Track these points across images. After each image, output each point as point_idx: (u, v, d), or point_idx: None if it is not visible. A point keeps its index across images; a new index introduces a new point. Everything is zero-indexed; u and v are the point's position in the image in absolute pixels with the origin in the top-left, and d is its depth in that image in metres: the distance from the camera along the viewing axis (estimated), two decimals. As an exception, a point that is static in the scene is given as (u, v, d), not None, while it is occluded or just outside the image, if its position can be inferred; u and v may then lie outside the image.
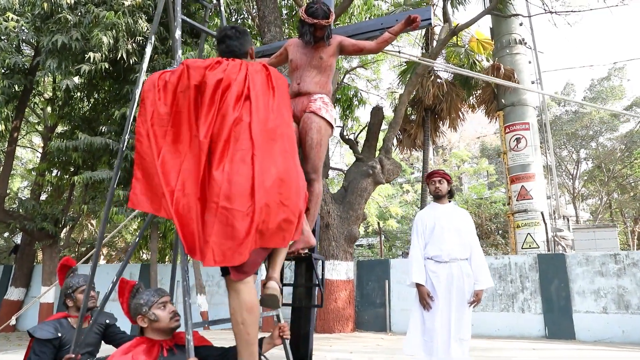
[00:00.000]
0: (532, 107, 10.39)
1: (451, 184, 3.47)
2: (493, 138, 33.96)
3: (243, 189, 1.77)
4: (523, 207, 9.66)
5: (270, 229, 1.83)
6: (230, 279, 1.87)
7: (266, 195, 1.80)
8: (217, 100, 1.89)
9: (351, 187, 9.16)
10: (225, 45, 2.20)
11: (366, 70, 16.57)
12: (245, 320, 1.85)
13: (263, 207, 1.79)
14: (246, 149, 1.83)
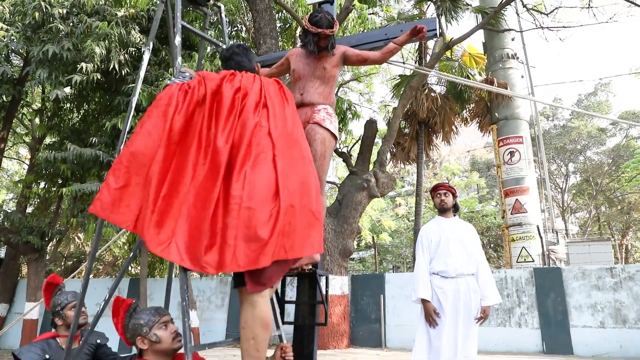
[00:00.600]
0: (525, 121, 10.46)
1: (456, 198, 3.40)
2: (483, 152, 34.27)
3: (266, 190, 1.76)
4: (517, 220, 9.65)
5: (296, 232, 1.77)
6: (246, 290, 1.78)
7: (290, 197, 1.78)
8: (237, 108, 1.91)
9: (346, 200, 9.08)
10: (234, 62, 2.23)
11: (359, 83, 16.63)
12: (257, 336, 1.76)
13: (288, 208, 1.76)
14: (268, 151, 1.84)
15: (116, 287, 2.36)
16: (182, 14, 8.61)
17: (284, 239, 1.74)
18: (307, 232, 1.81)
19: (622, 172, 24.21)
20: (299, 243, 1.78)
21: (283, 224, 1.73)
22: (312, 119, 2.70)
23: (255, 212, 1.71)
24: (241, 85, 1.99)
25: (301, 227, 1.79)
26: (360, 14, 10.14)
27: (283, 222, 1.73)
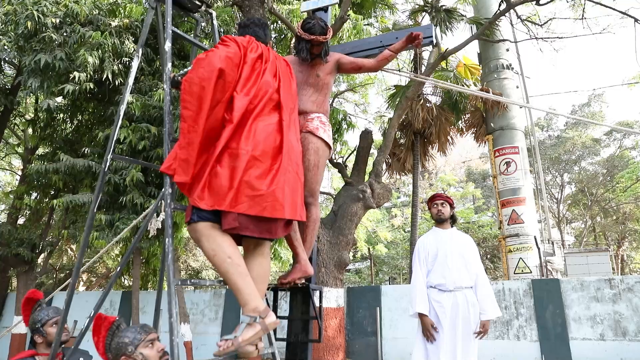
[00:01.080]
0: (520, 131, 10.45)
1: (454, 208, 3.31)
2: (478, 162, 34.37)
3: (271, 148, 1.94)
4: (514, 231, 9.58)
5: (287, 195, 1.91)
6: (209, 226, 1.83)
7: (289, 160, 1.98)
8: (260, 68, 2.08)
9: (341, 211, 8.97)
10: (251, 30, 2.34)
11: (354, 94, 16.64)
12: (231, 254, 1.80)
13: (286, 169, 1.93)
14: (276, 115, 2.04)
15: (102, 303, 2.25)
16: (174, 22, 8.53)
17: (283, 196, 1.89)
18: (296, 196, 1.99)
19: (617, 183, 24.33)
20: (288, 203, 1.91)
21: (278, 183, 1.89)
22: (305, 127, 2.62)
23: (258, 163, 1.87)
24: (262, 51, 2.17)
25: (290, 190, 1.94)
26: (355, 24, 10.14)
27: (279, 181, 1.89)
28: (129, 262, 12.16)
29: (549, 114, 30.15)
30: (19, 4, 8.27)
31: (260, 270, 1.99)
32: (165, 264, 1.69)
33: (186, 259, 19.48)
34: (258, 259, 2.01)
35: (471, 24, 10.51)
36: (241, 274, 1.80)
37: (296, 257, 2.51)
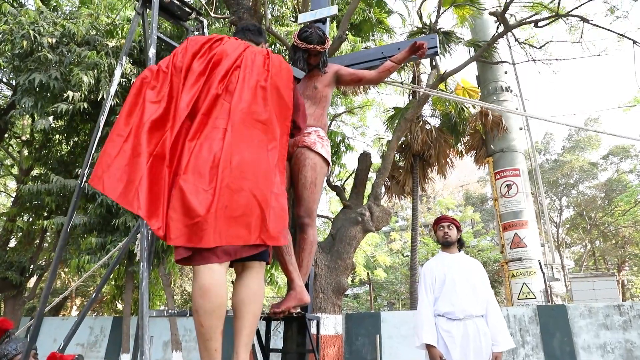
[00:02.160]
0: (520, 153, 10.33)
1: (460, 231, 3.11)
2: (476, 186, 34.28)
3: (208, 166, 1.69)
4: (517, 255, 9.34)
5: (232, 216, 1.65)
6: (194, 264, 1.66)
7: (230, 175, 1.68)
8: (207, 73, 1.84)
9: (339, 235, 8.73)
10: (242, 34, 2.18)
11: (352, 117, 16.60)
12: (198, 308, 1.58)
13: (224, 188, 1.66)
14: (220, 126, 1.75)
15: (73, 334, 2.02)
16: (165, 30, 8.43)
17: (220, 222, 1.63)
18: (244, 216, 1.68)
19: (615, 206, 24.21)
20: (233, 225, 1.66)
21: (220, 204, 1.64)
22: (302, 142, 2.44)
23: (190, 186, 1.64)
24: (219, 50, 1.90)
25: (238, 209, 1.67)
26: (353, 46, 10.13)
27: (221, 203, 1.64)
28: (121, 286, 11.81)
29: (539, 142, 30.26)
30: (15, 23, 8.21)
31: (244, 293, 1.81)
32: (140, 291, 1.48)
33: (182, 283, 19.07)
34: (244, 280, 1.84)
35: (469, 47, 10.53)
36: (201, 336, 1.62)
37: (291, 283, 2.30)
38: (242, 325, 1.75)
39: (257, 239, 1.72)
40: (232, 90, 1.83)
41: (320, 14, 3.03)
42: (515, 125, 10.50)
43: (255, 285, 1.83)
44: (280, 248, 2.28)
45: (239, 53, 1.92)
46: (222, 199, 1.66)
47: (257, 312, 1.80)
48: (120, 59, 2.26)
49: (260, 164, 1.78)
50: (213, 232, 1.63)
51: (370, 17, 11.07)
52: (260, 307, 1.82)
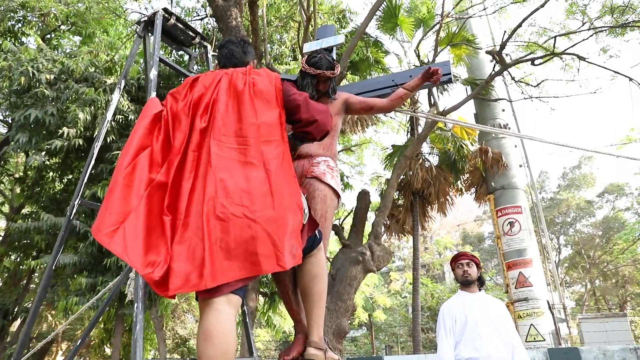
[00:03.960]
0: (522, 190, 10.22)
1: (480, 269, 2.90)
2: (473, 225, 34.10)
3: (199, 203, 1.62)
4: (523, 295, 9.04)
5: (232, 248, 1.55)
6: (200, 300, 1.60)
7: (218, 207, 1.59)
8: (190, 113, 1.82)
9: (339, 275, 8.45)
10: (227, 50, 2.09)
11: (350, 155, 16.61)
12: (201, 353, 1.47)
13: (216, 222, 1.56)
14: (204, 161, 1.70)
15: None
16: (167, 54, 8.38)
17: (223, 255, 1.54)
18: (249, 245, 1.57)
19: (614, 245, 24.05)
20: (238, 258, 1.56)
21: (214, 240, 1.55)
22: (310, 172, 2.28)
23: (188, 228, 1.58)
24: (198, 87, 1.88)
25: (238, 241, 1.57)
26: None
27: (214, 238, 1.55)
28: (110, 329, 11.30)
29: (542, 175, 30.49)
30: (15, 60, 8.20)
31: (306, 278, 1.97)
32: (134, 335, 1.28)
33: (174, 326, 18.41)
34: (304, 267, 1.99)
35: (466, 85, 10.62)
36: None
37: (297, 325, 2.09)
38: (310, 305, 1.98)
39: (272, 266, 1.59)
40: (212, 121, 1.79)
41: (327, 43, 2.95)
42: (515, 162, 10.45)
43: (315, 269, 2.00)
44: (285, 285, 2.09)
45: (216, 83, 1.89)
46: (216, 233, 1.56)
47: (321, 291, 2.00)
48: (119, 82, 2.14)
49: (254, 184, 1.68)
50: (211, 270, 1.51)
51: (368, 56, 11.24)
52: (324, 285, 2.03)
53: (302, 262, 1.93)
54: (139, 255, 1.54)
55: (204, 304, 1.54)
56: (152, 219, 1.63)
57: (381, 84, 2.85)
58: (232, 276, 1.51)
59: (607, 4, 8.38)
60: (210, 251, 1.52)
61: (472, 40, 10.10)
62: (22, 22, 12.69)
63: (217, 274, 1.50)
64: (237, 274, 1.52)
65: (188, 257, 1.54)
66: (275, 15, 11.35)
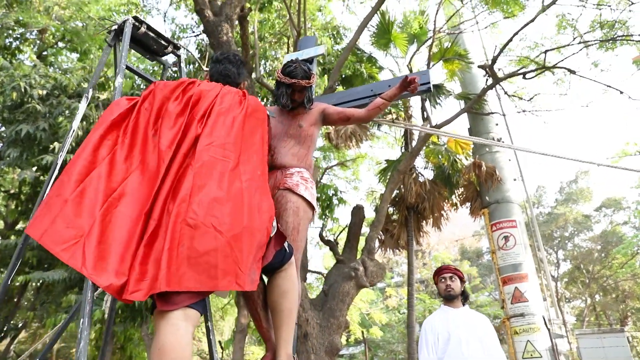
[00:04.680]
0: (516, 204, 10.16)
1: (464, 283, 2.83)
2: (472, 240, 33.95)
3: (172, 205, 1.61)
4: (519, 310, 8.90)
5: (193, 257, 1.49)
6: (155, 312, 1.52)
7: (190, 212, 1.56)
8: (187, 114, 1.82)
9: (332, 291, 8.34)
10: (222, 66, 2.10)
11: (345, 171, 16.58)
12: None
13: (183, 227, 1.52)
14: (188, 165, 1.70)
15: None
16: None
17: (182, 264, 1.48)
18: (210, 257, 1.52)
19: (613, 259, 23.91)
20: (196, 267, 1.49)
21: (177, 244, 1.49)
22: (283, 184, 2.22)
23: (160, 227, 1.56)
24: (195, 91, 1.89)
25: (199, 250, 1.51)
26: (345, 99, 10.24)
27: (177, 242, 1.50)
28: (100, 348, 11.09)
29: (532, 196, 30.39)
30: (7, 76, 8.21)
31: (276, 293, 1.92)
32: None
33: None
34: (274, 281, 1.95)
35: (460, 99, 10.65)
36: None
37: (267, 343, 2.02)
38: (279, 322, 1.91)
39: (230, 283, 1.53)
40: (206, 128, 1.80)
41: (307, 54, 2.93)
42: (510, 176, 10.40)
43: (285, 285, 1.94)
44: (254, 301, 2.02)
45: (216, 93, 1.92)
46: (183, 239, 1.51)
47: (291, 307, 1.92)
48: (86, 92, 2.09)
49: (229, 196, 1.66)
50: (166, 274, 1.45)
51: (362, 71, 11.29)
52: (294, 301, 1.94)
53: (272, 277, 1.94)
54: (101, 268, 1.49)
55: (159, 318, 1.48)
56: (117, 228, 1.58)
57: (360, 94, 2.82)
58: (186, 285, 1.45)
59: (596, 19, 8.46)
60: (170, 254, 1.48)
61: (465, 55, 10.16)
62: (19, 39, 12.78)
63: (171, 280, 1.45)
64: (193, 284, 1.46)
65: (150, 258, 1.51)
66: (269, 32, 11.44)
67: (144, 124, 1.80)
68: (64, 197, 1.57)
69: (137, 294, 1.43)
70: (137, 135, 1.78)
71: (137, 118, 1.82)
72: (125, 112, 1.83)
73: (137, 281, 1.45)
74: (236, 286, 1.53)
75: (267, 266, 1.86)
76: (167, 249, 1.48)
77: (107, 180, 1.64)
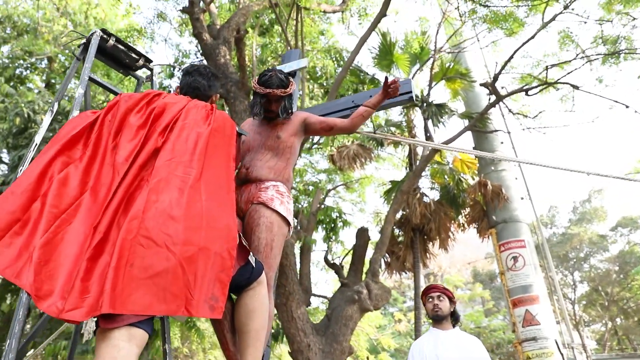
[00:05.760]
0: (525, 224, 9.90)
1: (454, 303, 2.66)
2: (484, 263, 33.30)
3: (122, 220, 1.53)
4: (531, 334, 8.54)
5: (142, 278, 1.38)
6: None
7: (142, 229, 1.44)
8: (148, 126, 1.75)
9: (335, 315, 8.11)
10: (192, 78, 2.04)
11: (351, 193, 16.43)
12: None
13: (134, 244, 1.41)
14: (144, 179, 1.63)
15: None
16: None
17: (127, 282, 1.37)
18: (159, 278, 1.40)
19: (632, 280, 23.17)
20: (140, 288, 1.37)
21: (123, 261, 1.38)
22: (257, 198, 2.11)
23: (106, 242, 1.48)
24: (159, 104, 1.82)
25: (146, 269, 1.40)
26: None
27: (124, 259, 1.39)
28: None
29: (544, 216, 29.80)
30: (12, 102, 8.34)
31: (242, 313, 1.82)
32: None
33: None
34: (241, 301, 1.85)
35: (463, 119, 10.56)
36: None
37: None
38: (245, 344, 1.79)
39: (178, 308, 1.40)
40: (167, 142, 1.73)
41: (289, 67, 2.87)
42: (517, 195, 10.18)
43: (252, 304, 1.84)
44: (220, 323, 1.89)
45: (181, 107, 1.85)
46: (131, 257, 1.39)
47: (259, 328, 1.81)
48: (51, 105, 2.04)
49: (187, 213, 1.54)
50: (110, 294, 1.34)
51: (365, 93, 11.30)
52: (262, 322, 1.82)
53: (240, 296, 1.82)
54: (46, 289, 1.39)
55: (101, 337, 1.36)
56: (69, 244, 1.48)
57: (341, 105, 2.74)
58: (132, 309, 1.34)
59: (598, 35, 8.39)
60: (116, 273, 1.37)
61: (466, 74, 10.12)
62: (29, 69, 13.09)
63: (116, 301, 1.33)
64: (139, 307, 1.34)
65: (93, 274, 1.40)
66: (272, 55, 11.55)
67: (105, 136, 1.74)
68: (9, 214, 1.49)
69: (75, 312, 1.32)
70: (99, 149, 1.71)
71: (100, 131, 1.75)
72: (89, 125, 1.76)
73: (77, 298, 1.34)
74: (185, 312, 1.40)
75: (232, 284, 1.74)
76: (113, 267, 1.37)
77: (57, 197, 1.55)
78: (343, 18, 11.67)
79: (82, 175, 1.63)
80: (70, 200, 1.56)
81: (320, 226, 13.22)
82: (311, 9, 8.85)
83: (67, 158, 1.66)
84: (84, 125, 1.75)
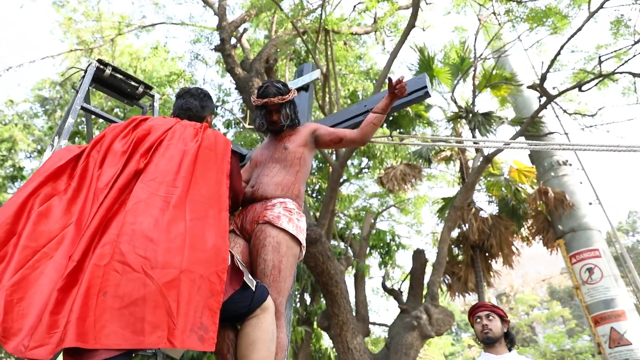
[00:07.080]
0: (597, 231, 8.97)
1: (507, 323, 2.29)
2: (561, 279, 30.96)
3: (95, 246, 1.41)
4: (622, 355, 7.54)
5: (116, 307, 1.25)
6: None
7: (116, 254, 1.33)
8: (129, 150, 1.67)
9: (394, 344, 7.66)
10: (184, 100, 1.98)
11: (406, 215, 15.95)
12: None
13: (107, 271, 1.29)
14: (121, 203, 1.52)
15: None
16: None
17: (94, 313, 1.24)
18: (135, 308, 1.26)
19: None
20: (115, 320, 1.24)
21: (96, 290, 1.26)
22: (262, 217, 1.93)
23: (80, 271, 1.35)
24: (145, 126, 1.75)
25: (123, 297, 1.27)
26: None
27: (97, 287, 1.26)
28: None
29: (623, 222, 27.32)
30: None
31: (243, 345, 1.64)
32: None
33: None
34: (243, 330, 1.66)
35: (514, 125, 9.98)
36: None
37: None
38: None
39: (160, 340, 1.26)
40: (150, 164, 1.64)
41: (302, 81, 2.74)
42: (584, 201, 9.29)
43: (255, 333, 1.66)
44: (223, 356, 1.70)
45: (167, 127, 1.78)
46: (104, 284, 1.27)
47: (262, 357, 1.64)
48: (52, 139, 2.02)
49: (167, 235, 1.42)
50: (76, 326, 1.22)
51: (407, 111, 11.05)
52: (265, 354, 1.64)
53: (242, 325, 1.64)
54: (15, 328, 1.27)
55: None
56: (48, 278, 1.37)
57: (353, 112, 2.54)
58: (105, 342, 1.19)
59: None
60: (86, 302, 1.23)
61: (511, 78, 9.62)
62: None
63: (87, 333, 1.20)
64: (113, 340, 1.19)
65: (64, 306, 1.27)
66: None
67: (92, 167, 1.67)
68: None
69: (40, 350, 1.18)
70: (85, 179, 1.64)
71: (87, 162, 1.69)
72: (75, 157, 1.71)
73: (44, 334, 1.21)
74: (167, 343, 1.24)
75: (231, 312, 1.57)
76: (82, 295, 1.24)
77: (35, 231, 1.45)
78: (377, 39, 11.59)
79: (66, 206, 1.54)
80: (51, 234, 1.46)
81: (375, 251, 12.85)
82: (341, 32, 8.83)
83: (51, 190, 1.58)
84: (70, 158, 1.69)
